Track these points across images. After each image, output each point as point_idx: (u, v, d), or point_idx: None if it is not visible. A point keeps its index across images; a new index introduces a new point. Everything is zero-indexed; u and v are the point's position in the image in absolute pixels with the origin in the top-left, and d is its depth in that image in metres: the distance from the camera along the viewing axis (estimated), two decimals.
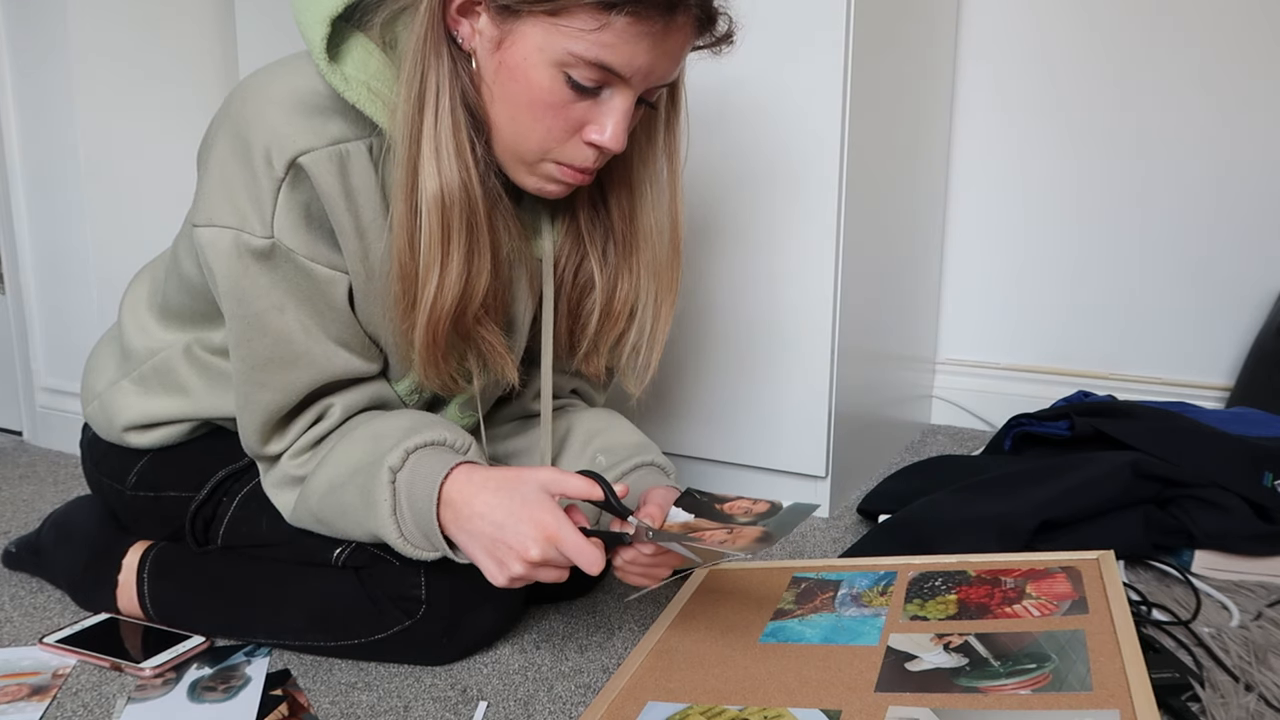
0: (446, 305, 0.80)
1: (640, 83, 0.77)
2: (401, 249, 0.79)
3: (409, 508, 0.80)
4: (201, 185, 0.81)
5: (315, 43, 0.77)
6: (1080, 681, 0.69)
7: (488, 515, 0.77)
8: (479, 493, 0.78)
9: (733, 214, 1.28)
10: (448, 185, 0.76)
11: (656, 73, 0.77)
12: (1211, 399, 1.59)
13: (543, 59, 0.75)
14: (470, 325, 0.83)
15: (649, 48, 0.74)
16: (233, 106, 0.79)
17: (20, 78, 1.59)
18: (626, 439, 1.00)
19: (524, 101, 0.77)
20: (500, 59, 0.76)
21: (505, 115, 0.78)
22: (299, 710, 0.84)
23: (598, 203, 0.91)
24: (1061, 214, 1.67)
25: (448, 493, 0.79)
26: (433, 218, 0.77)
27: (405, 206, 0.77)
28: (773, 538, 0.78)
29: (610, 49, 0.73)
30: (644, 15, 0.72)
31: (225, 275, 0.80)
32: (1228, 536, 1.05)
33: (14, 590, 1.10)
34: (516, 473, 0.79)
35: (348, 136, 0.79)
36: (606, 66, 0.74)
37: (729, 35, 0.81)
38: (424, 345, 0.82)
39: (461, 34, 0.77)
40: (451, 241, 0.78)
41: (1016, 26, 1.65)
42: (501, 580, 0.78)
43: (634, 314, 0.93)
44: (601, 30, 0.72)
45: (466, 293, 0.80)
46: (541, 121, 0.77)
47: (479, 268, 0.81)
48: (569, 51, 0.74)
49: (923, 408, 1.77)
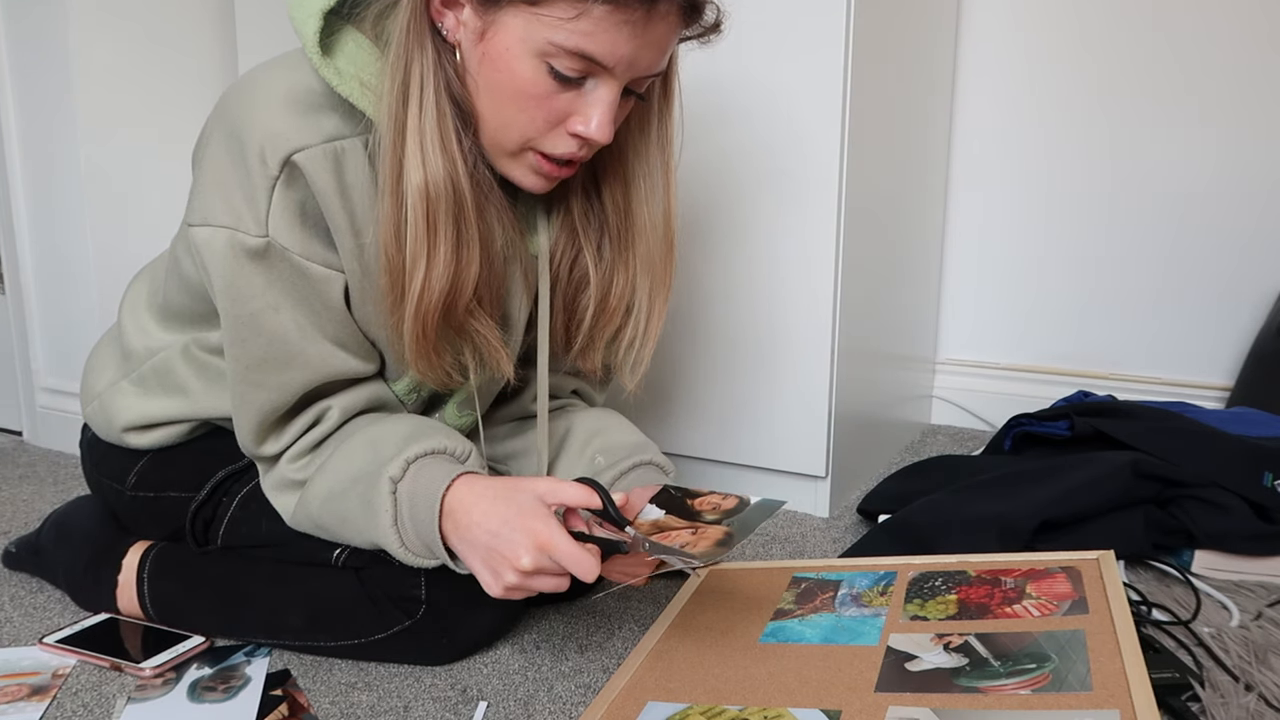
0: (434, 298, 0.79)
1: (625, 73, 0.76)
2: (388, 241, 0.78)
3: (410, 518, 0.80)
4: (196, 184, 0.81)
5: (308, 36, 0.77)
6: (1080, 681, 0.69)
7: (483, 524, 0.77)
8: (477, 502, 0.78)
9: (732, 214, 1.28)
10: (432, 177, 0.76)
11: (641, 63, 0.76)
12: (1211, 399, 1.59)
13: (525, 49, 0.74)
14: (462, 318, 0.83)
15: (630, 36, 0.74)
16: (227, 105, 0.79)
17: (20, 78, 1.59)
18: (625, 439, 1.00)
19: (508, 92, 0.76)
20: (483, 50, 0.76)
21: (490, 106, 0.78)
22: (299, 710, 0.84)
23: (591, 196, 0.91)
24: (1061, 214, 1.67)
25: (449, 503, 0.79)
26: (418, 210, 0.76)
27: (391, 199, 0.77)
28: (734, 539, 0.78)
29: (590, 37, 0.73)
30: (623, 3, 0.71)
31: (220, 274, 0.80)
32: (1228, 536, 1.04)
33: (14, 590, 1.10)
34: (514, 482, 0.79)
35: (343, 133, 0.79)
36: (587, 56, 0.74)
37: (717, 25, 0.80)
38: (414, 338, 0.81)
39: (446, 26, 0.77)
40: (438, 233, 0.78)
41: (1017, 26, 1.65)
42: (497, 590, 0.77)
43: (630, 309, 0.93)
44: (579, 19, 0.72)
45: (455, 285, 0.80)
46: (525, 112, 0.77)
47: (467, 260, 0.80)
48: (549, 41, 0.73)
49: (923, 408, 1.77)
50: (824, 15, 1.17)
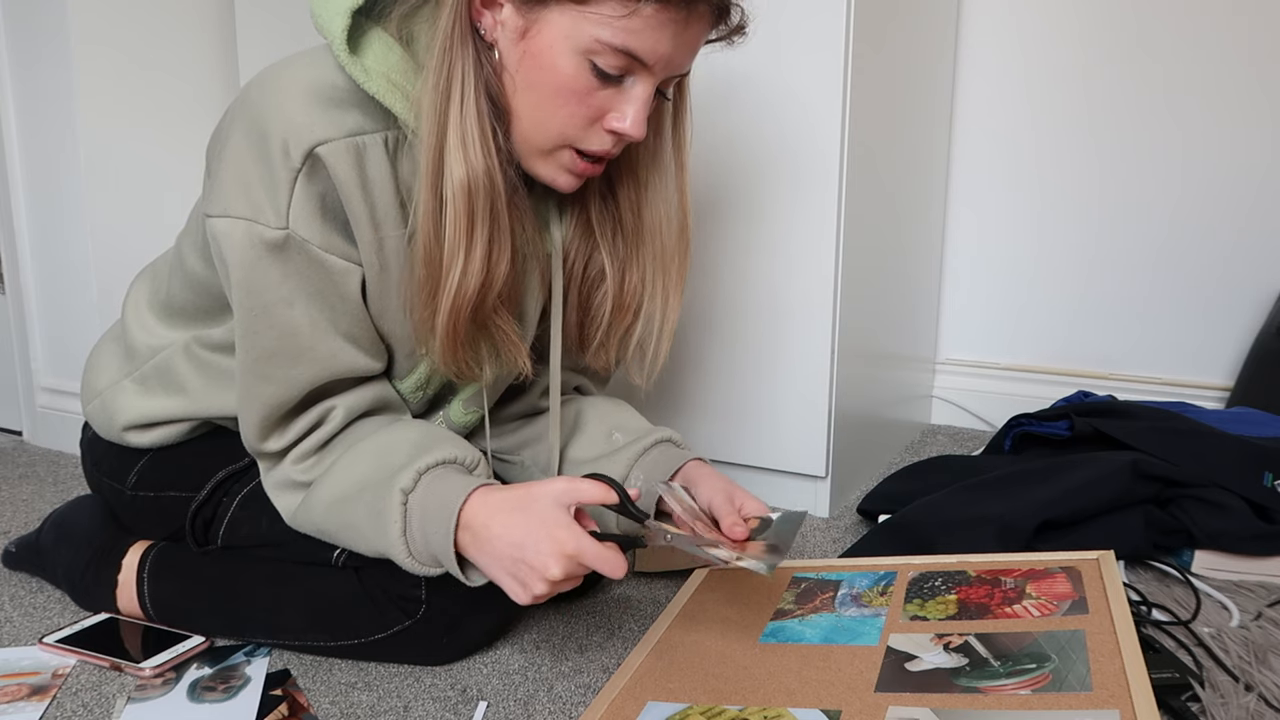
0: (469, 292, 0.80)
1: (661, 71, 0.78)
2: (427, 235, 0.79)
3: (421, 530, 0.80)
4: (216, 176, 0.81)
5: (336, 34, 0.77)
6: (1080, 681, 0.69)
7: (506, 536, 0.77)
8: (495, 514, 0.78)
9: (732, 214, 1.28)
10: (473, 172, 0.77)
11: (675, 61, 0.79)
12: (1211, 399, 1.59)
13: (568, 46, 0.76)
14: (488, 314, 0.84)
15: (672, 35, 0.76)
16: (250, 97, 0.79)
17: (20, 78, 1.59)
18: (640, 420, 1.03)
19: (548, 89, 0.78)
20: (525, 47, 0.77)
21: (528, 104, 0.79)
22: (299, 710, 0.84)
23: (606, 196, 0.92)
24: (1062, 214, 1.67)
25: (465, 517, 0.79)
26: (459, 204, 0.78)
27: (431, 194, 0.78)
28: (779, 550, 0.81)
29: (636, 35, 0.75)
30: (670, 2, 0.74)
31: (237, 266, 0.80)
32: (1228, 536, 1.04)
33: (14, 590, 1.10)
34: (529, 490, 0.79)
35: (364, 129, 0.79)
36: (632, 54, 0.75)
37: (741, 27, 0.82)
38: (446, 332, 0.82)
39: (484, 25, 0.78)
40: (476, 228, 0.79)
41: (1018, 24, 1.65)
42: (525, 599, 0.78)
43: (642, 306, 0.94)
44: (630, 17, 0.74)
45: (488, 280, 0.81)
46: (564, 109, 0.78)
47: (499, 256, 0.82)
48: (596, 39, 0.75)
49: (923, 408, 1.77)
50: (824, 16, 1.17)
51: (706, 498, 0.91)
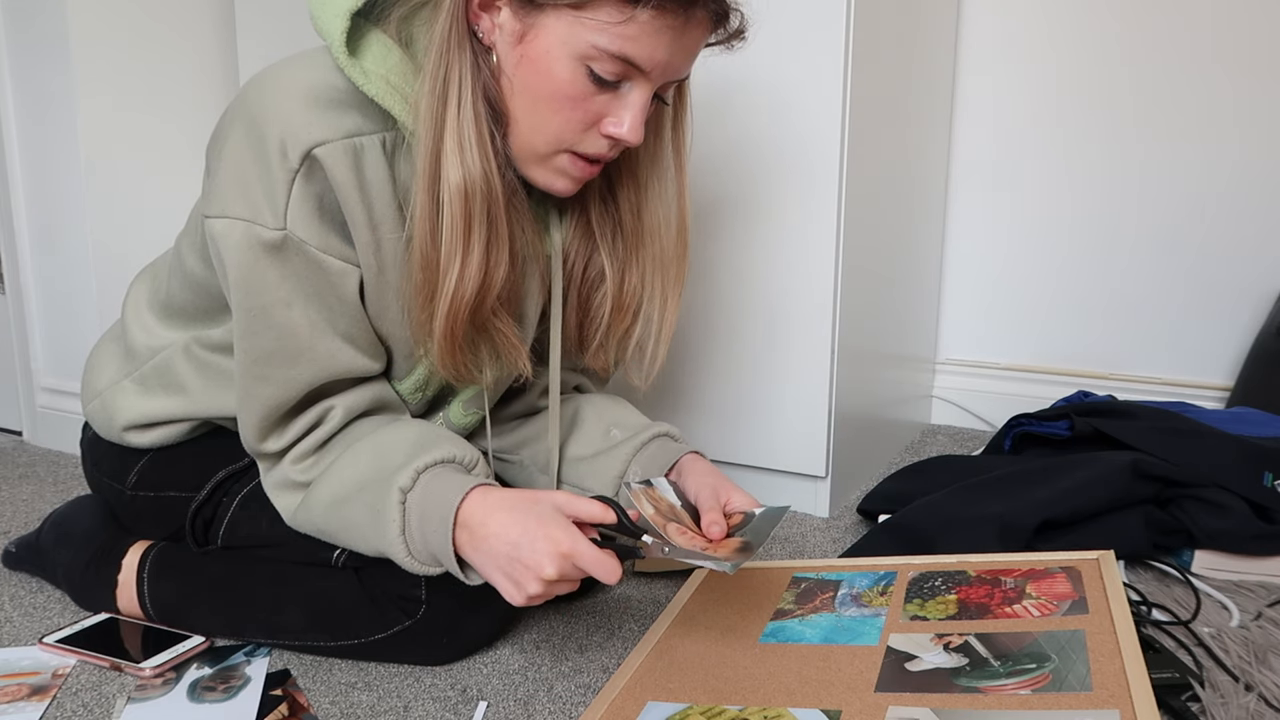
0: (467, 295, 0.80)
1: (659, 77, 0.78)
2: (424, 239, 0.79)
3: (420, 529, 0.80)
4: (214, 177, 0.81)
5: (335, 36, 0.77)
6: (1080, 681, 0.69)
7: (502, 535, 0.77)
8: (493, 513, 0.78)
9: (732, 214, 1.28)
10: (470, 176, 0.77)
11: (673, 67, 0.79)
12: (1211, 399, 1.59)
13: (565, 52, 0.75)
14: (487, 317, 0.84)
15: (669, 41, 0.76)
16: (248, 98, 0.79)
17: (20, 78, 1.59)
18: (638, 417, 1.03)
19: (544, 94, 0.77)
20: (522, 52, 0.77)
21: (524, 108, 0.79)
22: (299, 710, 0.84)
23: (606, 198, 0.92)
24: (1062, 214, 1.67)
25: (463, 515, 0.79)
26: (455, 208, 0.77)
27: (428, 197, 0.78)
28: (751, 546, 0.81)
29: (633, 42, 0.74)
30: (667, 9, 0.73)
31: (235, 266, 0.80)
32: (1228, 536, 1.04)
33: (14, 590, 1.10)
34: (531, 493, 0.80)
35: (362, 130, 0.79)
36: (629, 60, 0.75)
37: (740, 31, 0.82)
38: (443, 335, 0.82)
39: (482, 28, 0.78)
40: (473, 232, 0.79)
41: (1017, 25, 1.65)
42: (520, 600, 0.77)
43: (640, 308, 0.94)
44: (626, 23, 0.73)
45: (485, 283, 0.81)
46: (560, 114, 0.78)
47: (497, 259, 0.82)
48: (592, 45, 0.74)
49: (923, 408, 1.77)
50: (824, 17, 1.17)
51: (693, 492, 0.91)
